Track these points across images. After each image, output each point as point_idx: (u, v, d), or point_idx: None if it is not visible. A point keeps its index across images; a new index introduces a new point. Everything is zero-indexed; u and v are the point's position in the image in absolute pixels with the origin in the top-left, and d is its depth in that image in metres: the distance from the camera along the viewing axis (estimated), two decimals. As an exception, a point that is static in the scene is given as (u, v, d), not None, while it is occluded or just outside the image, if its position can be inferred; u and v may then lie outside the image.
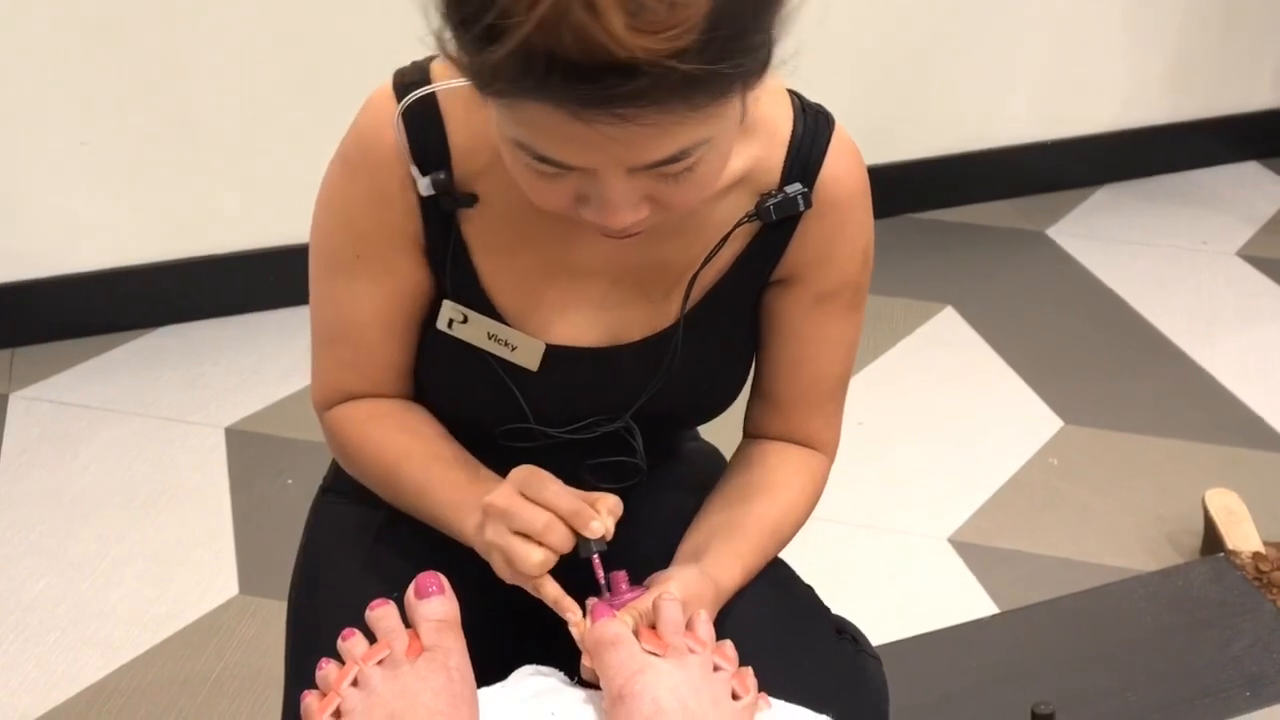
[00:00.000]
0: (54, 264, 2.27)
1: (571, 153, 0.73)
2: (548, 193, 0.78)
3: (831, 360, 1.00)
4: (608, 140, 0.70)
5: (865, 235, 0.97)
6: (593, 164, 0.74)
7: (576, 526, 0.83)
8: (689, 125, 0.71)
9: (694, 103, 0.70)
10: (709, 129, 0.73)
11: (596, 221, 0.79)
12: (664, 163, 0.74)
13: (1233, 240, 2.72)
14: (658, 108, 0.69)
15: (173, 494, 1.98)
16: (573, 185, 0.77)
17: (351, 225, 0.93)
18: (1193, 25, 2.79)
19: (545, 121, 0.70)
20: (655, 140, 0.71)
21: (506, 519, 0.83)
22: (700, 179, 0.78)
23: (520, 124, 0.73)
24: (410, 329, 0.97)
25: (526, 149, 0.74)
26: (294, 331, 2.34)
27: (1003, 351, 2.34)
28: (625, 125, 0.69)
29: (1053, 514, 1.96)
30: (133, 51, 2.11)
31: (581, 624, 0.85)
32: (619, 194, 0.76)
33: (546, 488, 0.83)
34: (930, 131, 2.73)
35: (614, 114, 0.68)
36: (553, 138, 0.72)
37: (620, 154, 0.72)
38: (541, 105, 0.69)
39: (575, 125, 0.69)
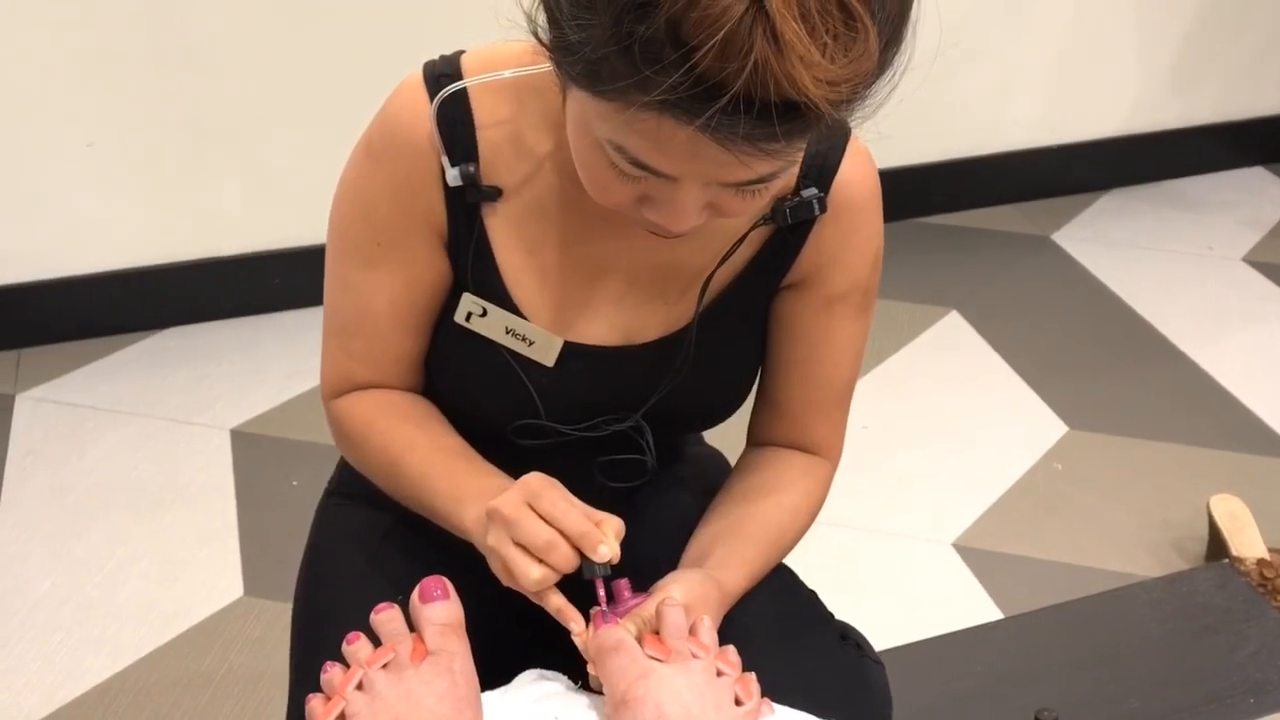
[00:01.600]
0: (60, 265, 2.27)
1: (674, 165, 0.73)
2: (614, 191, 0.78)
3: (838, 365, 1.00)
4: (714, 161, 0.70)
5: (876, 240, 0.98)
6: (688, 175, 0.74)
7: (584, 549, 0.82)
8: (788, 155, 0.72)
9: (804, 138, 0.71)
10: (798, 155, 0.74)
11: (656, 221, 0.79)
12: (754, 182, 0.75)
13: (1238, 245, 2.72)
14: (791, 146, 0.70)
15: (178, 495, 1.98)
16: (644, 187, 0.77)
17: (373, 213, 0.93)
18: (1199, 31, 2.79)
19: (666, 135, 0.70)
20: (759, 166, 0.72)
21: (509, 528, 0.83)
22: (768, 194, 0.79)
23: (628, 129, 0.72)
24: (424, 322, 0.97)
25: (624, 152, 0.74)
26: (300, 334, 2.34)
27: (1007, 356, 2.34)
28: (753, 156, 0.69)
29: (1057, 519, 1.96)
30: (141, 54, 2.12)
31: (585, 633, 0.84)
32: (692, 201, 0.76)
33: (556, 504, 0.82)
34: (936, 135, 2.73)
35: (757, 147, 0.68)
36: (664, 150, 0.72)
37: (719, 173, 0.73)
38: (677, 123, 0.68)
39: (700, 145, 0.69)
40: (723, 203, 0.78)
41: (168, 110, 2.18)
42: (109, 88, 2.13)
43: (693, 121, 0.67)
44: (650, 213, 0.79)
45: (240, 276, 2.37)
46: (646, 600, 0.87)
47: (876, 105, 0.72)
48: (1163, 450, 2.11)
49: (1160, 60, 2.81)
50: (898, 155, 2.67)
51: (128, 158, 2.20)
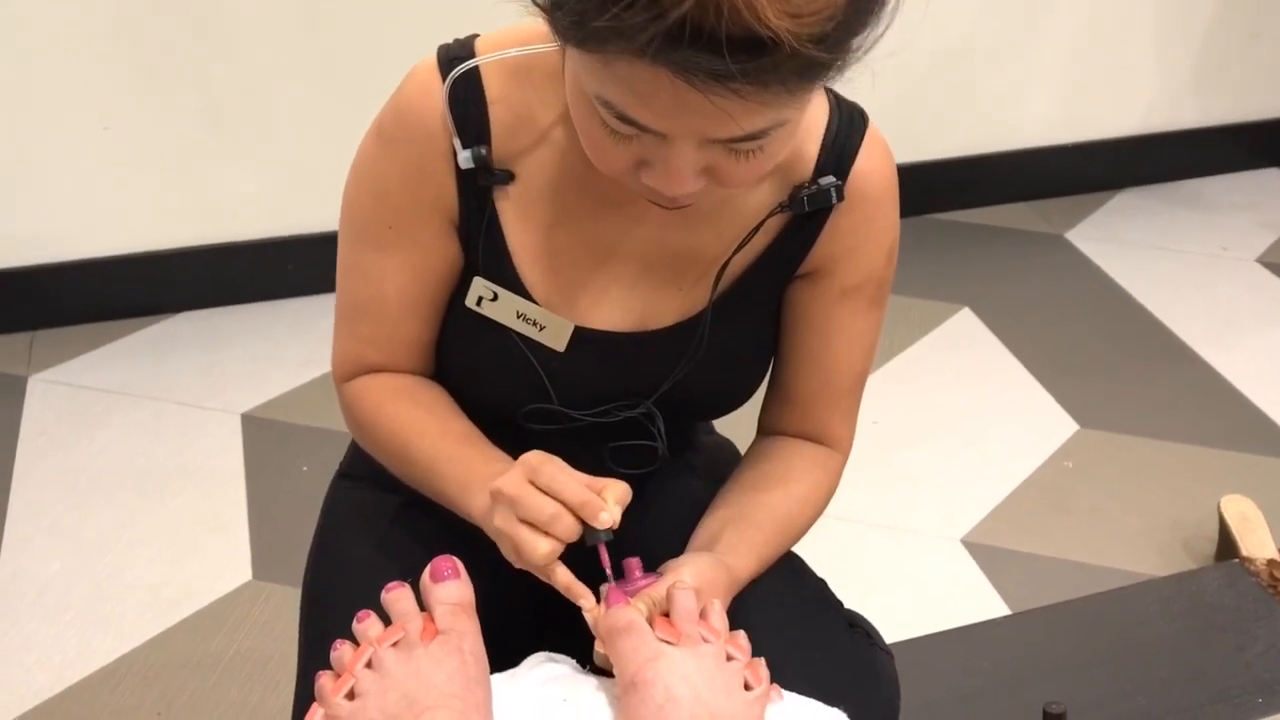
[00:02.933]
0: (75, 248, 2.28)
1: (658, 118, 0.73)
2: (611, 154, 0.78)
3: (851, 356, 1.00)
4: (696, 112, 0.70)
5: (892, 233, 0.97)
6: (675, 131, 0.74)
7: (585, 517, 0.82)
8: (777, 107, 0.72)
9: (793, 88, 0.70)
10: (791, 113, 0.74)
11: (653, 186, 0.79)
12: (742, 139, 0.74)
13: (1252, 246, 2.71)
14: (764, 89, 0.69)
15: (188, 479, 1.99)
16: (638, 149, 0.77)
17: (385, 197, 0.93)
18: (1215, 31, 2.78)
19: (645, 85, 0.70)
20: (743, 117, 0.71)
21: (514, 506, 0.83)
22: (765, 159, 0.78)
23: (612, 82, 0.72)
24: (435, 306, 0.97)
25: (610, 107, 0.74)
26: (312, 319, 2.35)
27: (1019, 354, 2.34)
28: (727, 100, 0.69)
29: (1067, 517, 1.96)
30: (157, 39, 2.12)
31: (595, 609, 0.85)
32: (686, 162, 0.76)
33: (555, 477, 0.83)
34: (952, 132, 2.72)
35: (729, 88, 0.68)
36: (646, 102, 0.72)
37: (704, 126, 0.72)
38: (651, 68, 0.68)
39: (679, 93, 0.69)
40: (720, 168, 0.77)
41: (184, 95, 2.19)
42: (126, 72, 2.14)
43: (663, 63, 0.67)
44: (648, 177, 0.78)
45: (254, 262, 2.37)
46: (657, 582, 0.87)
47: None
48: (1174, 450, 2.10)
49: (1176, 60, 2.80)
50: (913, 151, 2.66)
51: (144, 142, 2.21)
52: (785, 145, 0.79)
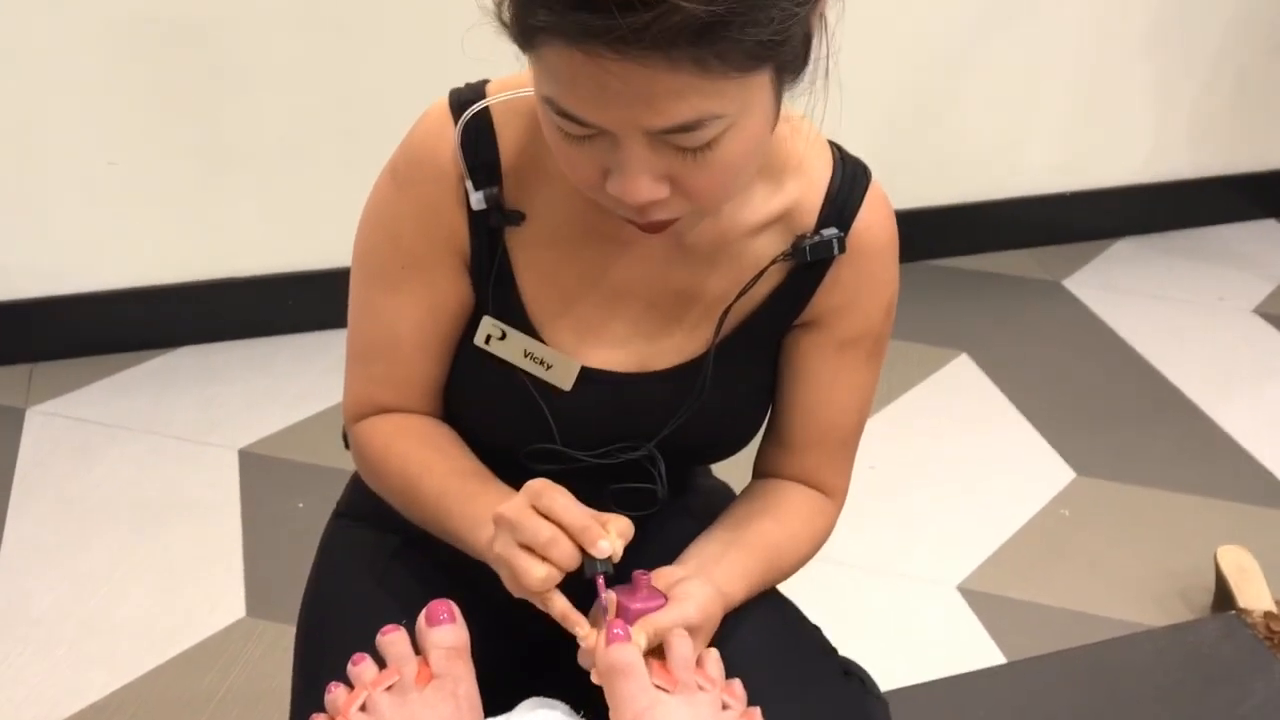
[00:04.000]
0: (78, 281, 2.29)
1: (587, 106, 0.74)
2: (577, 162, 0.79)
3: (847, 408, 1.01)
4: (618, 97, 0.71)
5: (891, 288, 0.99)
6: (609, 122, 0.74)
7: (584, 543, 0.82)
8: (701, 93, 0.72)
9: (704, 64, 0.70)
10: (724, 104, 0.74)
11: (617, 196, 0.79)
12: (676, 130, 0.74)
13: (1249, 297, 2.72)
14: (663, 57, 0.69)
15: (184, 514, 1.99)
16: (599, 155, 0.78)
17: (398, 238, 0.94)
18: (1214, 82, 2.81)
19: (567, 70, 0.72)
20: (667, 102, 0.72)
21: (514, 531, 0.83)
22: (720, 164, 0.77)
23: (548, 78, 0.74)
24: (446, 345, 0.98)
25: (552, 104, 0.75)
26: (311, 355, 2.35)
27: (1017, 400, 2.34)
28: (633, 73, 0.70)
29: (1063, 565, 1.95)
30: (163, 78, 2.14)
31: (591, 636, 0.84)
32: (639, 162, 0.76)
33: (556, 501, 0.83)
34: (951, 179, 2.74)
35: (618, 52, 0.68)
36: (573, 90, 0.73)
37: (633, 113, 0.73)
38: (555, 45, 0.71)
39: (587, 69, 0.70)
40: (679, 174, 0.77)
41: (189, 132, 2.20)
42: (132, 109, 2.15)
43: (564, 33, 0.70)
44: (613, 187, 0.79)
45: (254, 297, 2.38)
46: (661, 608, 0.86)
47: (767, 28, 0.71)
48: (1171, 499, 2.10)
49: (1174, 111, 2.83)
50: (913, 197, 2.68)
51: (148, 177, 2.22)
52: (744, 150, 0.78)
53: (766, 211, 0.93)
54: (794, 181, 0.93)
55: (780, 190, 0.93)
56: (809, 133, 0.92)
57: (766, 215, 0.93)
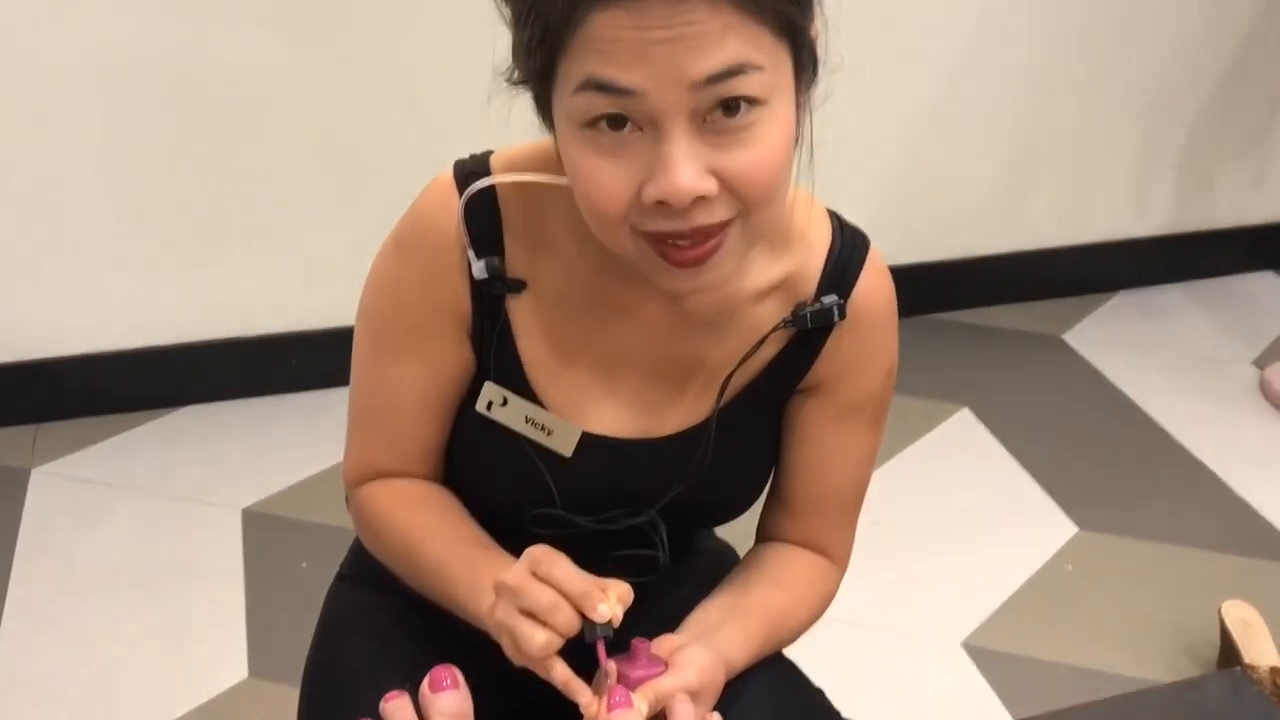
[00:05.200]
0: (84, 342, 2.30)
1: (632, 64, 0.74)
2: (611, 181, 0.78)
3: (849, 473, 1.02)
4: (663, 40, 0.73)
5: (891, 355, 1.00)
6: (652, 80, 0.74)
7: (584, 609, 0.82)
8: (740, 35, 0.74)
9: (740, 4, 0.73)
10: (760, 55, 0.75)
11: (661, 196, 0.77)
12: (720, 75, 0.74)
13: (1249, 349, 2.73)
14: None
15: (187, 574, 1.98)
16: (636, 162, 0.77)
17: (401, 306, 0.95)
18: (1211, 136, 2.83)
19: (605, 31, 0.73)
20: (709, 41, 0.73)
21: (515, 597, 0.83)
22: (761, 151, 0.78)
23: (588, 58, 0.75)
24: (448, 412, 0.99)
25: (591, 85, 0.75)
26: (315, 415, 2.36)
27: (1018, 455, 2.35)
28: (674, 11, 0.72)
29: (1067, 621, 1.95)
30: (171, 141, 2.17)
31: (593, 704, 0.84)
32: (682, 150, 0.76)
33: (556, 567, 0.83)
34: (950, 233, 2.76)
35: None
36: (613, 50, 0.74)
37: (677, 59, 0.73)
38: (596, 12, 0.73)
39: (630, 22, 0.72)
40: (719, 164, 0.77)
41: (195, 194, 2.23)
42: (140, 171, 2.18)
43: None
44: (653, 190, 0.77)
45: (258, 356, 2.39)
46: (662, 675, 0.86)
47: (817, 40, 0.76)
48: (1174, 553, 2.10)
49: (1172, 164, 2.85)
50: (912, 252, 2.70)
51: (155, 239, 2.24)
52: (781, 142, 0.79)
53: (767, 279, 0.94)
54: (794, 250, 0.95)
55: (781, 259, 0.94)
56: (808, 202, 0.94)
57: (768, 283, 0.94)
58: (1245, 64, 2.76)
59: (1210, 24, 2.68)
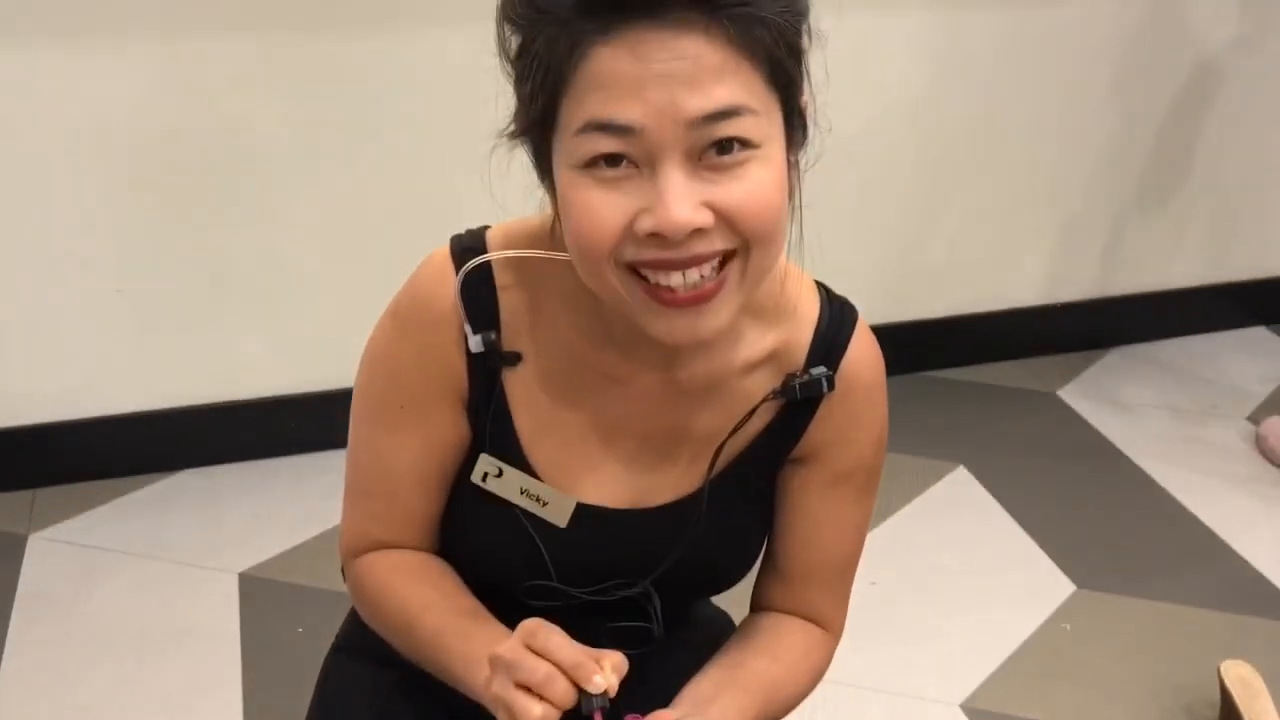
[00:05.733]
0: (83, 407, 2.31)
1: (630, 100, 0.76)
2: (607, 212, 0.79)
3: (842, 541, 1.02)
4: (661, 76, 0.75)
5: (881, 425, 1.01)
6: (650, 116, 0.76)
7: (578, 680, 0.82)
8: (736, 77, 0.76)
9: (735, 43, 0.75)
10: (754, 99, 0.78)
11: (656, 228, 0.78)
12: (716, 115, 0.76)
13: (1243, 404, 2.74)
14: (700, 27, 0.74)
15: (183, 640, 1.98)
16: (631, 197, 0.79)
17: (398, 378, 0.97)
18: (1202, 192, 2.87)
19: (605, 69, 0.75)
20: (706, 80, 0.75)
21: (510, 670, 0.83)
22: (755, 189, 0.79)
23: (586, 95, 0.77)
24: (444, 483, 0.99)
25: (592, 126, 0.77)
26: (311, 478, 2.36)
27: (1015, 513, 2.35)
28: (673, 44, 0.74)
29: (1067, 681, 1.94)
30: (169, 206, 2.19)
31: None
32: (678, 184, 0.77)
33: (550, 639, 0.83)
34: (943, 292, 2.78)
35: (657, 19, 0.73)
36: (613, 86, 0.76)
37: (675, 97, 0.75)
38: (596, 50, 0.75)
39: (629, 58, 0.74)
40: (714, 198, 0.79)
41: (193, 260, 2.25)
42: (140, 237, 2.20)
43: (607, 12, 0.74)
44: (647, 222, 0.79)
45: (256, 420, 2.40)
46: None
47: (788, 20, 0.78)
48: (1172, 612, 2.10)
49: (1163, 221, 2.88)
50: (905, 310, 2.73)
51: (154, 304, 2.26)
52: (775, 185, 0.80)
53: (758, 351, 0.96)
54: (784, 322, 0.96)
55: (770, 331, 0.96)
56: (798, 276, 0.96)
57: (758, 354, 0.96)
58: (1232, 119, 2.79)
59: (1201, 75, 2.72)
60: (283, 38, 2.12)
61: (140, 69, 2.07)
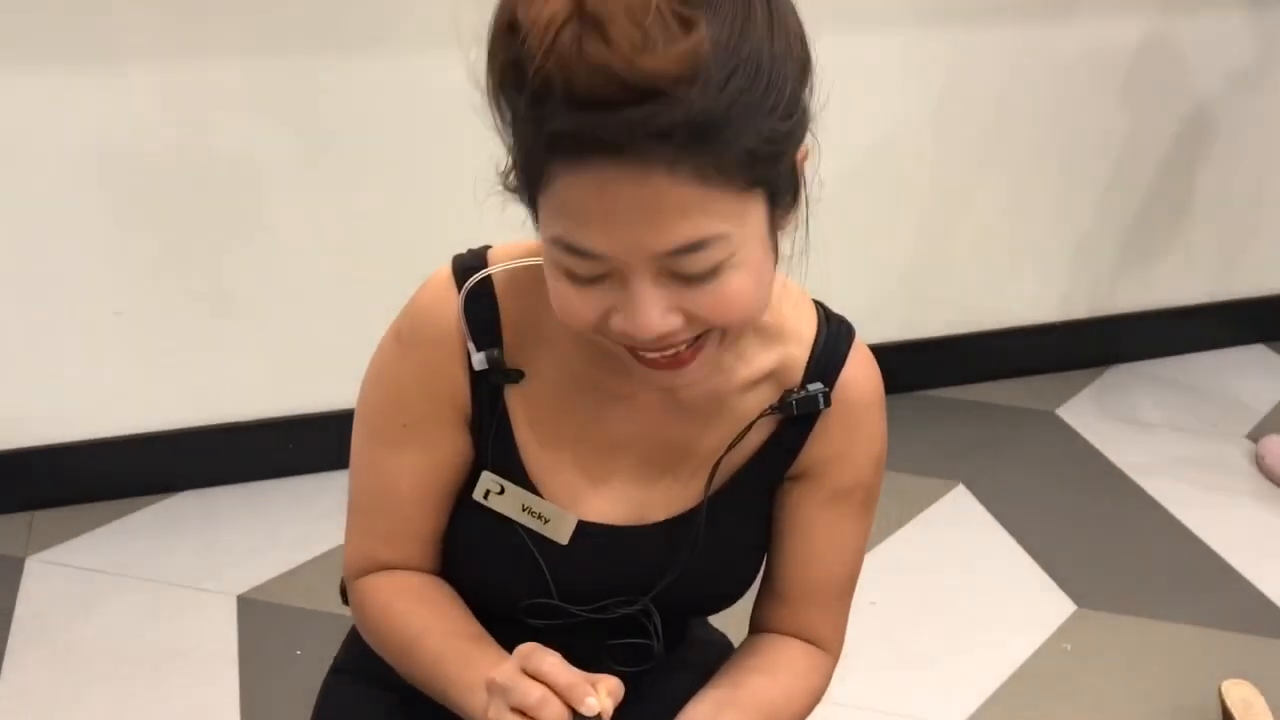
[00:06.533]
0: (81, 429, 2.31)
1: (597, 235, 0.75)
2: (581, 307, 0.80)
3: (840, 560, 1.02)
4: (627, 213, 0.73)
5: (879, 442, 1.01)
6: (617, 249, 0.76)
7: (572, 702, 0.82)
8: (703, 209, 0.74)
9: (703, 174, 0.73)
10: (724, 223, 0.75)
11: (627, 333, 0.80)
12: (682, 250, 0.75)
13: (1242, 422, 2.74)
14: (665, 166, 0.71)
15: (181, 663, 1.97)
16: (604, 297, 0.79)
17: (400, 398, 0.97)
18: (1200, 210, 2.87)
19: (571, 196, 0.74)
20: (671, 219, 0.74)
21: (505, 694, 0.83)
22: (729, 294, 0.79)
23: (556, 213, 0.76)
24: (446, 501, 1.00)
25: (560, 243, 0.77)
26: (310, 499, 2.36)
27: (1015, 532, 2.34)
28: (638, 186, 0.72)
29: (1067, 701, 1.93)
30: (167, 229, 2.20)
31: None
32: (647, 298, 0.78)
33: (544, 662, 0.83)
34: (942, 310, 2.79)
35: (620, 162, 0.71)
36: (579, 217, 0.75)
37: (639, 234, 0.74)
38: (563, 175, 0.73)
39: (594, 191, 0.73)
40: (687, 304, 0.79)
41: (192, 280, 2.25)
42: (138, 260, 2.20)
43: (577, 152, 0.72)
44: (619, 324, 0.80)
45: (256, 441, 2.40)
46: None
47: (769, 140, 0.74)
48: (1173, 631, 2.09)
49: (1162, 239, 2.89)
50: (904, 329, 2.73)
51: (153, 327, 2.26)
52: (748, 288, 0.80)
53: (757, 368, 0.96)
54: (782, 340, 0.97)
55: (769, 349, 0.96)
56: (794, 292, 0.96)
57: (757, 372, 0.96)
58: (1229, 139, 2.80)
59: (1205, 95, 2.73)
60: (282, 61, 2.12)
61: (139, 92, 2.08)
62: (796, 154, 0.80)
